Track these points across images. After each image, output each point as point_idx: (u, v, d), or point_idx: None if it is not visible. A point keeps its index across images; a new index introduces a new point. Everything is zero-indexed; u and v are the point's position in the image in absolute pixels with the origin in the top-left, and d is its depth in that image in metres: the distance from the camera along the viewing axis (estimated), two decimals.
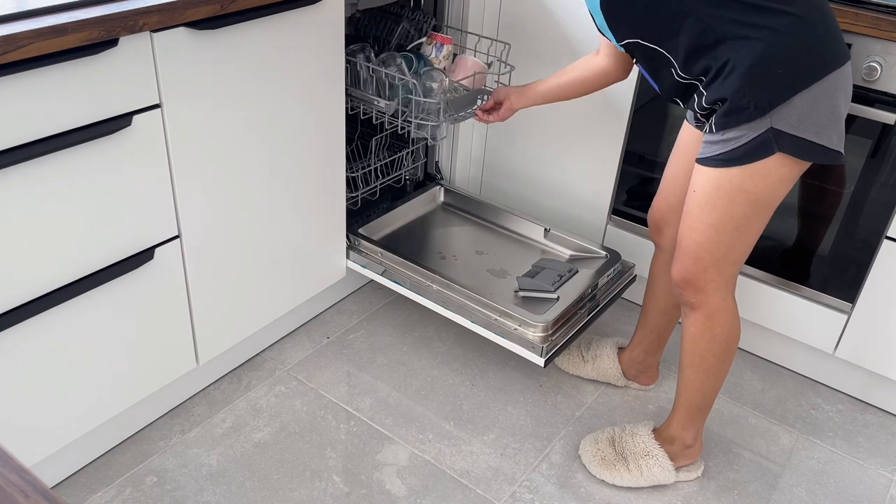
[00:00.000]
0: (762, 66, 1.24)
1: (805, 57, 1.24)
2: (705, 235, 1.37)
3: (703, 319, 1.45)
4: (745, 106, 1.26)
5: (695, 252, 1.40)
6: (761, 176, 1.30)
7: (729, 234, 1.36)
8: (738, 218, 1.34)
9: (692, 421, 1.58)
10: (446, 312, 1.80)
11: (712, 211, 1.35)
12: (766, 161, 1.28)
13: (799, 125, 1.26)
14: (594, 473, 1.64)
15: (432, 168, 2.29)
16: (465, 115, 1.80)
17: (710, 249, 1.38)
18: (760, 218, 1.36)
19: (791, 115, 1.25)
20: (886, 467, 1.73)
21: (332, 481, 1.61)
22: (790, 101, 1.24)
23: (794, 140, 1.26)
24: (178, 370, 1.63)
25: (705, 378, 1.51)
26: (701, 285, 1.42)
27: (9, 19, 1.13)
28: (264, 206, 1.66)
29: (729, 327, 1.46)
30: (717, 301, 1.43)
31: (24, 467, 0.54)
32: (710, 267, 1.40)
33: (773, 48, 1.24)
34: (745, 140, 1.28)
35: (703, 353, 1.48)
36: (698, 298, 1.44)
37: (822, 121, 1.27)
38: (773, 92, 1.24)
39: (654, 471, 1.59)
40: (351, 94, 1.85)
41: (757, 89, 1.25)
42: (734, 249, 1.38)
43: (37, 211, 1.25)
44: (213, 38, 1.40)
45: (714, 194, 1.34)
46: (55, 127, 1.22)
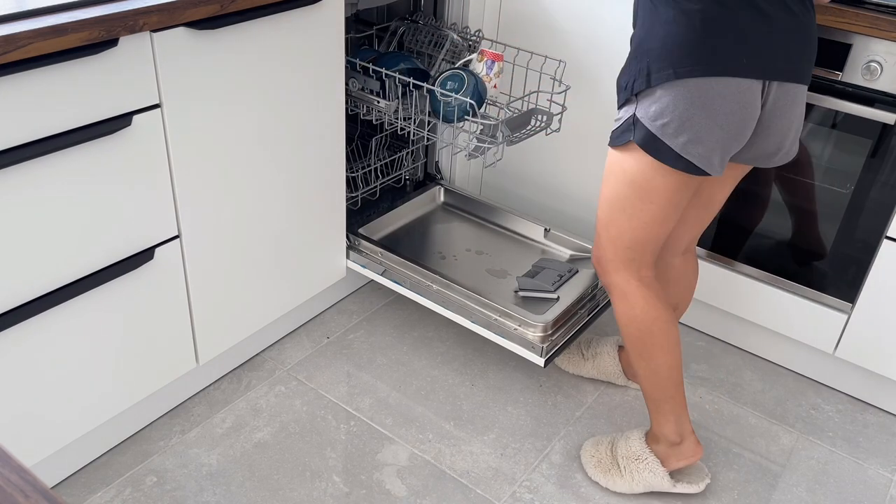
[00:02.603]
0: (640, 49, 1.25)
1: (675, 52, 1.20)
2: (602, 212, 1.43)
3: (617, 300, 1.48)
4: (623, 85, 1.29)
5: (597, 229, 1.46)
6: (635, 160, 1.32)
7: (617, 213, 1.39)
8: (623, 199, 1.37)
9: (660, 413, 1.55)
10: (446, 312, 1.80)
11: (605, 188, 1.40)
12: (631, 147, 1.30)
13: (653, 120, 1.25)
14: (591, 477, 1.63)
15: (432, 168, 2.29)
16: (521, 135, 1.73)
17: (606, 226, 1.43)
18: (646, 206, 1.35)
19: (650, 106, 1.25)
20: (886, 467, 1.73)
21: (332, 481, 1.61)
22: (652, 91, 1.23)
23: (646, 133, 1.26)
24: (178, 370, 1.63)
25: (642, 362, 1.51)
26: (604, 264, 1.47)
27: (9, 19, 1.13)
28: (264, 206, 1.66)
29: (644, 310, 1.46)
30: (620, 282, 1.46)
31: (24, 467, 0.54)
32: (607, 246, 1.44)
33: (652, 33, 1.22)
34: (619, 123, 1.32)
35: (629, 337, 1.50)
36: (606, 280, 1.48)
37: (675, 123, 1.23)
38: (638, 76, 1.25)
39: (645, 475, 1.58)
40: (351, 94, 1.85)
41: (631, 71, 1.27)
42: (624, 232, 1.40)
43: (37, 211, 1.25)
44: (213, 38, 1.40)
45: (606, 171, 1.39)
46: (55, 127, 1.22)
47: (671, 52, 1.21)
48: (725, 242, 1.90)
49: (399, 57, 1.87)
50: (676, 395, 1.53)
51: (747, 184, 1.82)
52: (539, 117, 1.75)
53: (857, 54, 1.58)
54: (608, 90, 1.93)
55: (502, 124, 1.64)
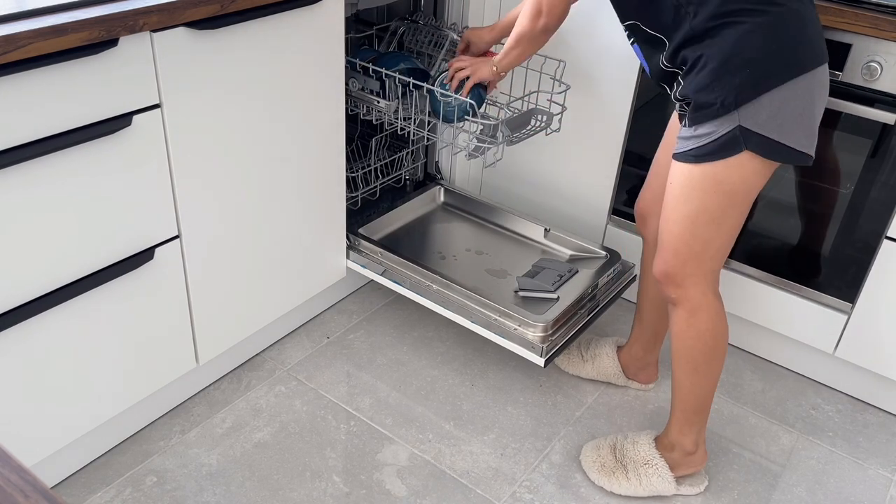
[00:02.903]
0: (730, 64, 1.25)
1: (775, 57, 1.24)
2: (682, 227, 1.39)
3: (686, 316, 1.45)
4: (712, 102, 1.27)
5: (673, 245, 1.41)
6: (733, 170, 1.31)
7: (705, 226, 1.37)
8: (714, 210, 1.35)
9: (689, 425, 1.56)
10: (446, 312, 1.80)
11: (688, 203, 1.36)
12: (736, 157, 1.30)
13: (766, 125, 1.26)
14: (593, 480, 1.62)
15: (432, 168, 2.29)
16: (521, 135, 1.73)
17: (688, 242, 1.39)
18: (737, 211, 1.36)
19: (759, 114, 1.26)
20: (886, 467, 1.73)
21: (332, 481, 1.61)
22: (758, 99, 1.25)
23: (760, 139, 1.27)
24: (178, 370, 1.63)
25: (695, 377, 1.50)
26: (680, 280, 1.43)
27: (9, 19, 1.13)
28: (264, 206, 1.66)
29: (713, 324, 1.45)
30: (697, 296, 1.43)
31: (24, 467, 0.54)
32: (688, 261, 1.41)
33: (743, 46, 1.24)
34: (715, 137, 1.30)
35: (689, 351, 1.48)
36: (678, 294, 1.44)
37: (789, 122, 1.27)
38: (739, 90, 1.25)
39: (653, 480, 1.58)
40: (351, 94, 1.85)
41: (724, 86, 1.26)
42: (712, 243, 1.39)
43: (37, 211, 1.25)
44: (213, 38, 1.40)
45: (689, 187, 1.35)
46: (55, 127, 1.22)
47: (774, 57, 1.24)
48: None
49: (399, 57, 1.87)
50: (709, 408, 1.55)
51: None
52: (539, 117, 1.75)
53: (857, 54, 1.58)
54: (608, 90, 1.93)
55: (502, 124, 1.64)
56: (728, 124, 1.28)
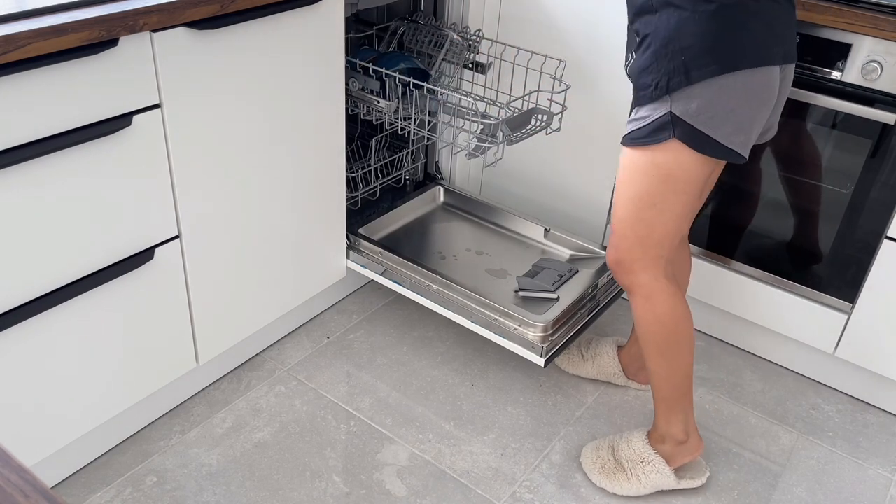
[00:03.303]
0: (669, 48, 1.24)
1: (710, 50, 1.22)
2: (627, 211, 1.40)
3: (642, 302, 1.46)
4: (648, 84, 1.27)
5: (620, 230, 1.42)
6: (668, 155, 1.31)
7: (647, 209, 1.37)
8: (654, 194, 1.35)
9: (672, 413, 1.56)
10: (446, 312, 1.80)
11: (630, 187, 1.37)
12: (668, 144, 1.29)
13: (695, 116, 1.26)
14: (595, 482, 1.62)
15: (432, 168, 2.29)
16: (522, 135, 1.73)
17: (632, 226, 1.40)
18: (679, 197, 1.36)
19: (690, 103, 1.25)
20: (886, 467, 1.73)
21: (332, 481, 1.61)
22: (689, 88, 1.24)
23: (688, 128, 1.27)
24: (178, 370, 1.63)
25: (664, 363, 1.51)
26: (629, 266, 1.44)
27: (9, 19, 1.13)
28: (264, 206, 1.66)
29: (669, 306, 1.45)
30: (647, 281, 1.44)
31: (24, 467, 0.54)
32: (634, 245, 1.42)
33: (681, 32, 1.23)
34: (649, 121, 1.30)
35: (652, 337, 1.49)
36: (630, 280, 1.46)
37: (720, 116, 1.26)
38: (672, 76, 1.24)
39: (652, 476, 1.58)
40: (352, 94, 1.85)
41: (660, 70, 1.25)
42: (655, 227, 1.39)
43: (37, 211, 1.25)
44: (213, 38, 1.40)
45: (630, 170, 1.37)
46: (55, 127, 1.22)
47: (711, 49, 1.22)
48: (725, 242, 1.90)
49: (399, 57, 1.87)
50: (688, 393, 1.55)
51: (747, 183, 1.82)
52: (539, 116, 1.75)
53: (857, 54, 1.58)
54: (608, 89, 1.93)
55: (503, 123, 1.64)
56: (661, 109, 1.28)
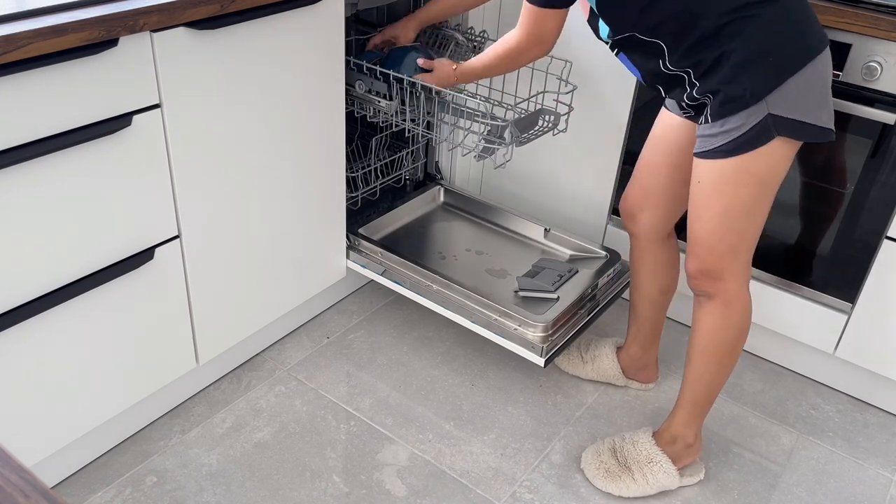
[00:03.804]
0: (755, 55, 1.28)
1: (793, 42, 1.28)
2: (716, 223, 1.40)
3: (721, 308, 1.47)
4: (740, 94, 1.29)
5: (708, 241, 1.42)
6: (763, 159, 1.33)
7: (739, 218, 1.39)
8: (747, 201, 1.37)
9: (695, 417, 1.58)
10: (446, 312, 1.80)
11: (721, 198, 1.38)
12: (767, 146, 1.32)
13: (793, 108, 1.30)
14: (599, 487, 1.61)
15: (432, 168, 2.29)
16: (530, 136, 1.72)
17: (723, 237, 1.41)
18: (767, 198, 1.39)
19: (785, 99, 1.29)
20: (886, 467, 1.73)
21: (332, 481, 1.61)
22: (783, 85, 1.28)
23: (790, 123, 1.30)
24: (178, 370, 1.63)
25: (717, 367, 1.52)
26: (718, 273, 1.44)
27: (9, 19, 1.13)
28: (264, 206, 1.66)
29: (744, 315, 1.48)
30: (734, 288, 1.45)
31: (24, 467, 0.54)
32: (725, 254, 1.42)
33: (764, 36, 1.27)
34: (746, 129, 1.31)
35: (718, 342, 1.50)
36: (716, 287, 1.45)
37: (813, 101, 1.31)
38: (766, 78, 1.28)
39: (660, 477, 1.58)
40: (351, 94, 1.85)
41: (751, 77, 1.28)
42: (746, 233, 1.41)
43: (37, 211, 1.25)
44: (213, 38, 1.40)
45: (721, 182, 1.37)
46: (55, 127, 1.22)
47: (793, 42, 1.28)
48: None
49: (404, 49, 1.84)
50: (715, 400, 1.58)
51: None
52: (546, 117, 1.75)
53: (857, 54, 1.58)
54: (608, 89, 1.93)
55: (511, 125, 1.64)
56: (757, 114, 1.30)
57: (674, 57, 1.34)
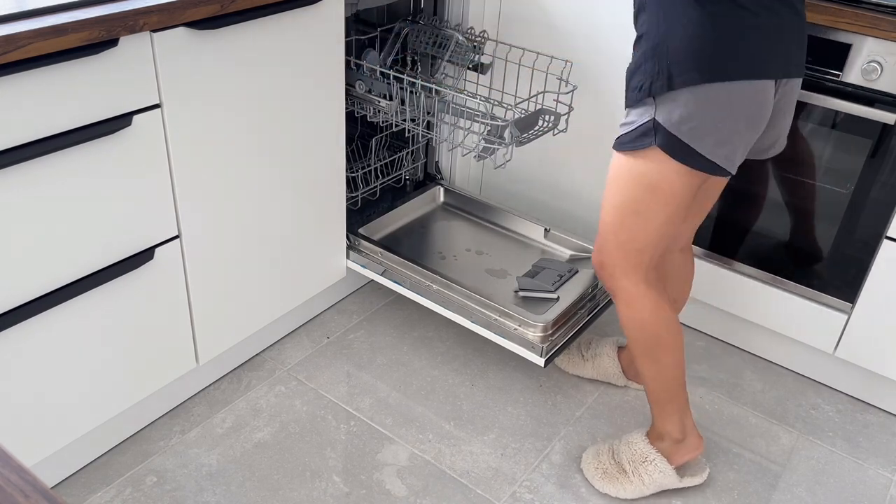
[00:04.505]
0: (657, 50, 1.21)
1: (702, 54, 1.18)
2: (610, 216, 1.40)
3: (622, 306, 1.47)
4: (635, 86, 1.26)
5: (603, 233, 1.43)
6: (651, 164, 1.29)
7: (630, 216, 1.37)
8: (637, 201, 1.35)
9: (665, 412, 1.56)
10: (446, 312, 1.80)
11: (616, 193, 1.37)
12: (650, 151, 1.27)
13: (678, 125, 1.23)
14: (598, 489, 1.61)
15: (432, 168, 2.29)
16: (530, 136, 1.72)
17: (615, 231, 1.40)
18: (663, 209, 1.34)
19: (673, 111, 1.23)
20: (886, 467, 1.73)
21: (332, 481, 1.61)
22: (674, 95, 1.21)
23: (670, 137, 1.25)
24: (178, 370, 1.63)
25: (650, 365, 1.51)
26: (609, 269, 1.44)
27: (9, 19, 1.13)
28: (264, 206, 1.66)
29: (650, 313, 1.45)
30: (628, 287, 1.44)
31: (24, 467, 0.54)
32: (614, 250, 1.41)
33: (672, 34, 1.20)
34: (633, 126, 1.29)
35: (637, 341, 1.49)
36: (612, 284, 1.46)
37: (703, 128, 1.23)
38: (656, 78, 1.22)
39: (655, 476, 1.58)
40: (351, 94, 1.85)
41: (647, 71, 1.23)
42: (638, 236, 1.38)
43: (37, 211, 1.25)
44: (213, 38, 1.40)
45: (615, 176, 1.36)
46: (55, 127, 1.22)
47: (695, 56, 1.19)
48: (726, 242, 1.90)
49: None
50: (680, 393, 1.54)
51: (747, 183, 1.82)
52: (546, 117, 1.75)
53: (857, 54, 1.58)
54: (608, 90, 1.93)
55: (511, 125, 1.64)
56: (646, 115, 1.27)
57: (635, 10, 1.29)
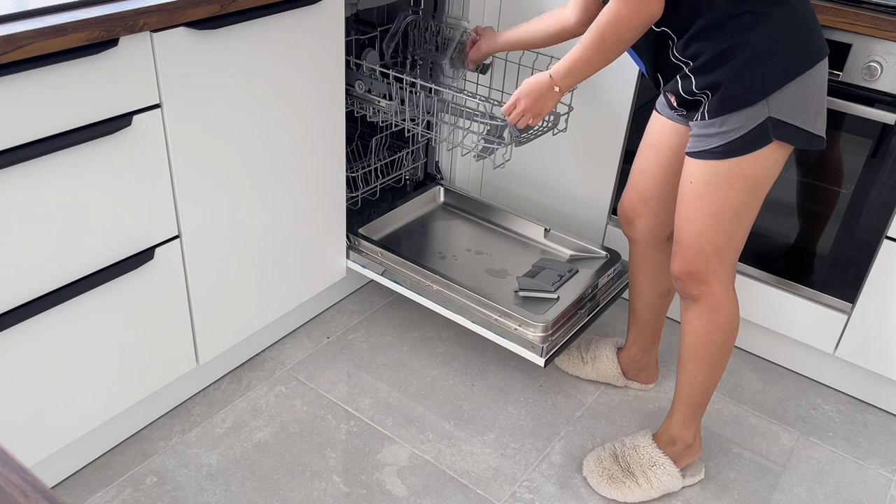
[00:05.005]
0: (759, 53, 1.26)
1: (798, 46, 1.27)
2: (706, 225, 1.38)
3: (707, 311, 1.46)
4: (739, 93, 1.27)
5: (696, 243, 1.41)
6: (758, 162, 1.32)
7: (729, 221, 1.37)
8: (737, 204, 1.36)
9: (693, 418, 1.57)
10: (446, 312, 1.80)
11: (712, 200, 1.36)
12: (763, 149, 1.31)
13: (793, 114, 1.29)
14: (603, 494, 1.60)
15: (432, 168, 2.29)
16: (530, 136, 1.72)
17: (711, 239, 1.39)
18: (757, 202, 1.38)
19: (786, 103, 1.28)
20: (886, 467, 1.73)
21: (332, 481, 1.61)
22: (784, 88, 1.27)
23: (788, 128, 1.30)
24: (178, 370, 1.63)
25: (708, 370, 1.51)
26: (703, 276, 1.43)
27: (9, 19, 1.13)
28: (264, 206, 1.66)
29: (732, 317, 1.47)
30: (720, 291, 1.44)
31: (24, 467, 0.54)
32: (711, 257, 1.41)
33: (771, 36, 1.26)
34: (745, 131, 1.30)
35: (706, 346, 1.49)
36: (701, 290, 1.44)
37: (811, 108, 1.30)
38: (767, 79, 1.27)
39: (663, 480, 1.58)
40: (351, 94, 1.85)
41: (753, 76, 1.27)
42: (734, 236, 1.40)
43: (37, 211, 1.25)
44: (213, 38, 1.40)
45: (713, 183, 1.35)
46: (55, 127, 1.22)
47: (791, 49, 1.27)
48: None
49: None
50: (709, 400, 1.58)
51: None
52: (547, 117, 1.75)
53: (857, 54, 1.58)
54: (608, 90, 1.93)
55: (510, 125, 1.64)
56: (758, 117, 1.29)
57: (679, 45, 1.32)
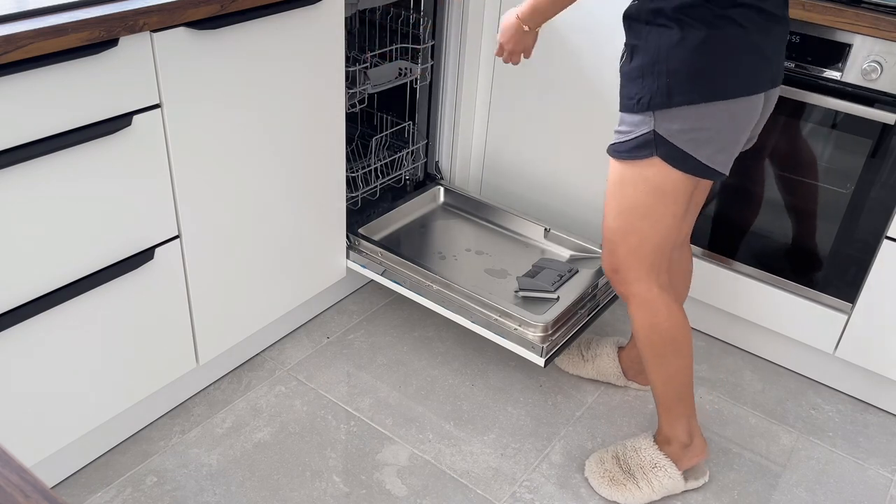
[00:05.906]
0: (655, 67, 1.23)
1: (701, 76, 1.21)
2: (617, 222, 1.39)
3: (637, 311, 1.46)
4: (631, 95, 1.27)
5: (611, 240, 1.42)
6: (655, 169, 1.31)
7: (639, 221, 1.37)
8: (645, 206, 1.35)
9: (673, 417, 1.56)
10: (446, 312, 1.80)
11: (621, 198, 1.37)
12: (652, 160, 1.30)
13: (678, 136, 1.26)
14: (605, 496, 1.60)
15: (432, 168, 2.29)
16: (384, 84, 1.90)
17: (624, 237, 1.40)
18: (668, 207, 1.35)
19: (672, 123, 1.25)
20: (886, 467, 1.73)
21: (332, 481, 1.61)
22: (676, 109, 1.24)
23: (671, 148, 1.27)
24: (178, 370, 1.63)
25: (662, 369, 1.50)
26: (623, 274, 1.44)
27: (9, 19, 1.13)
28: (264, 206, 1.66)
29: (665, 316, 1.45)
30: (642, 291, 1.43)
31: (24, 467, 0.54)
32: (626, 255, 1.41)
33: (672, 54, 1.21)
34: (632, 136, 1.30)
35: (651, 345, 1.48)
36: (625, 289, 1.45)
37: (703, 138, 1.26)
38: (654, 95, 1.24)
39: (665, 482, 1.58)
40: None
41: (645, 86, 1.25)
42: (648, 237, 1.38)
43: (37, 211, 1.25)
44: (213, 38, 1.40)
45: (619, 182, 1.36)
46: (55, 127, 1.22)
47: (696, 76, 1.21)
48: (725, 242, 1.90)
49: None
50: (689, 397, 1.55)
51: (747, 183, 1.82)
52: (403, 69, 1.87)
53: (857, 54, 1.58)
54: (608, 89, 1.93)
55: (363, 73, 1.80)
56: (644, 126, 1.28)
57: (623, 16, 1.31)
